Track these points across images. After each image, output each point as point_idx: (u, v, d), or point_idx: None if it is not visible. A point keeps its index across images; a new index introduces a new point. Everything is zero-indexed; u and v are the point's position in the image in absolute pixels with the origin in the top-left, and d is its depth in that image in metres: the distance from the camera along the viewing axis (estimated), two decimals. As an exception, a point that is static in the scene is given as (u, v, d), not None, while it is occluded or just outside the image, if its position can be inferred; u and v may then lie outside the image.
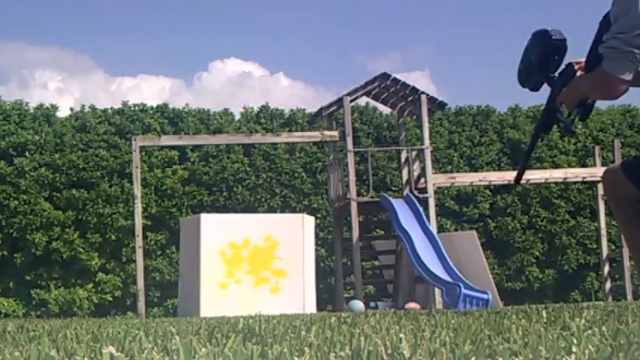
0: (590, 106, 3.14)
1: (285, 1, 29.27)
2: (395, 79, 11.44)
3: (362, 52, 32.26)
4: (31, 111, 13.82)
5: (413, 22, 29.26)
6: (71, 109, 14.21)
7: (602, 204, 12.16)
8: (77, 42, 30.22)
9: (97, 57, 35.41)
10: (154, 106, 14.27)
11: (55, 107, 13.99)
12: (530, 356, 1.38)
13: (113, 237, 12.93)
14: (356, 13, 29.32)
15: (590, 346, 1.42)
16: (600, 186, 12.16)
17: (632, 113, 15.30)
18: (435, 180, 11.28)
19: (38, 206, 12.76)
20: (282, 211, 13.28)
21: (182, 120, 13.96)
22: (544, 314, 2.75)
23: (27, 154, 13.08)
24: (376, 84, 11.53)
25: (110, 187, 12.99)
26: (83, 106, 14.23)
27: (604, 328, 1.84)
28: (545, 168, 13.61)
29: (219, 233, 8.39)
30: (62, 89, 27.05)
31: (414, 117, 12.30)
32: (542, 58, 3.23)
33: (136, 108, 14.14)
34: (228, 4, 29.70)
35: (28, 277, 12.79)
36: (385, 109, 13.68)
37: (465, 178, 12.33)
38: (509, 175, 12.48)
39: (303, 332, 2.06)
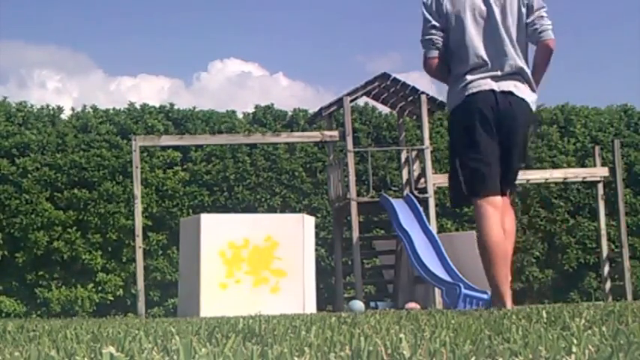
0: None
1: (285, 1, 29.28)
2: (395, 79, 11.44)
3: (361, 52, 32.28)
4: (35, 112, 13.87)
5: (413, 22, 29.23)
6: (72, 109, 14.25)
7: (602, 204, 12.16)
8: (76, 41, 30.26)
9: (96, 56, 35.43)
10: (157, 106, 14.30)
11: (60, 109, 14.04)
12: (530, 356, 1.38)
13: (114, 237, 12.95)
14: (355, 13, 29.34)
15: (590, 346, 1.42)
16: (600, 186, 12.17)
17: (628, 113, 15.31)
18: (435, 180, 11.28)
19: (39, 206, 12.78)
20: (282, 210, 13.29)
21: (185, 120, 13.97)
22: (544, 314, 2.75)
23: (30, 154, 13.11)
24: (376, 84, 11.53)
25: (112, 187, 13.00)
26: (85, 106, 14.27)
27: (604, 328, 1.84)
28: (544, 168, 13.62)
29: (219, 233, 8.39)
30: (61, 89, 27.07)
31: (414, 117, 12.30)
32: None
33: (139, 108, 14.16)
34: (228, 4, 29.70)
35: (29, 277, 12.80)
36: (385, 109, 13.69)
37: (465, 178, 12.32)
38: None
39: (303, 332, 2.07)
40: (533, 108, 4.28)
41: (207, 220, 8.57)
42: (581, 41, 28.71)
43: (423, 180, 11.22)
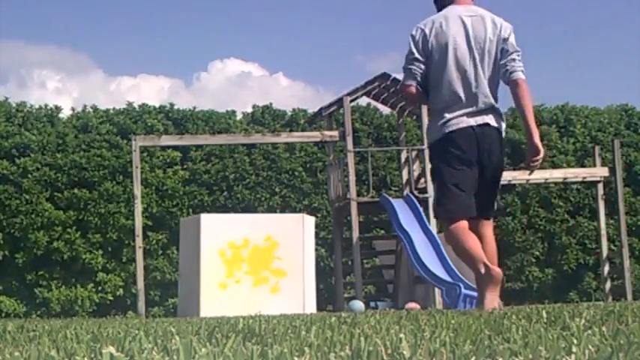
0: None
1: (285, 1, 29.28)
2: (395, 79, 11.44)
3: (361, 52, 32.28)
4: (34, 112, 13.87)
5: (412, 22, 29.23)
6: (72, 110, 14.25)
7: (602, 204, 12.16)
8: (76, 41, 30.27)
9: (96, 56, 35.44)
10: (157, 106, 14.30)
11: (58, 109, 14.03)
12: (530, 356, 1.38)
13: (114, 237, 12.95)
14: (355, 13, 29.34)
15: (590, 346, 1.42)
16: (600, 186, 12.17)
17: (629, 112, 15.30)
18: (435, 180, 11.26)
19: (40, 206, 12.79)
20: (282, 210, 13.29)
21: (185, 120, 13.97)
22: (544, 314, 2.75)
23: (30, 154, 13.11)
24: (376, 84, 11.53)
25: (112, 187, 13.01)
26: (85, 106, 14.27)
27: (604, 328, 1.84)
28: (544, 168, 13.62)
29: (219, 233, 8.38)
30: (61, 89, 27.08)
31: (414, 117, 12.30)
32: None
33: (139, 108, 14.17)
34: (228, 4, 29.70)
35: (29, 277, 12.81)
36: (385, 110, 13.68)
37: (465, 178, 12.32)
38: (509, 175, 12.48)
39: (303, 332, 2.07)
40: (503, 135, 4.84)
41: (207, 220, 8.57)
42: (582, 41, 28.72)
43: (423, 180, 11.22)
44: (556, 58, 29.68)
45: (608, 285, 12.30)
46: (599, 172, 12.20)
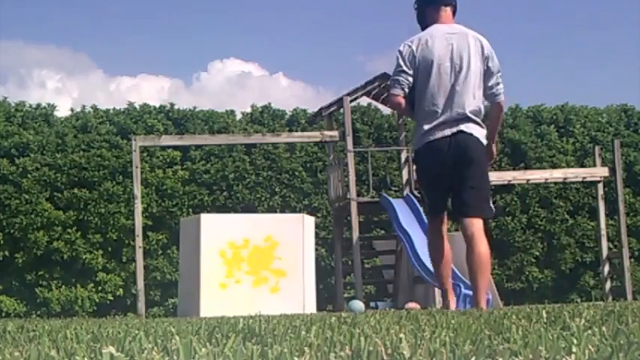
0: None
1: (285, 1, 29.29)
2: (395, 79, 11.42)
3: (361, 52, 32.28)
4: (32, 111, 13.86)
5: (413, 22, 29.22)
6: (72, 110, 14.25)
7: (602, 204, 12.16)
8: (75, 41, 30.27)
9: (95, 56, 35.44)
10: (157, 106, 14.30)
11: (52, 106, 14.01)
12: (530, 356, 1.38)
13: (114, 237, 12.95)
14: (355, 13, 29.34)
15: (590, 346, 1.42)
16: (600, 186, 12.17)
17: (628, 113, 15.30)
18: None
19: (39, 206, 12.79)
20: (282, 210, 13.29)
21: (185, 120, 13.97)
22: (544, 314, 2.75)
23: (30, 154, 13.11)
24: (376, 84, 11.52)
25: (112, 186, 13.01)
26: (84, 106, 14.27)
27: (604, 328, 1.84)
28: (544, 168, 13.61)
29: (219, 233, 8.38)
30: (60, 89, 27.08)
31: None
32: None
33: (139, 108, 14.17)
34: (228, 4, 29.71)
35: (29, 277, 12.81)
36: (385, 110, 13.68)
37: (465, 178, 12.31)
38: (509, 175, 12.49)
39: (303, 332, 2.07)
40: (484, 141, 5.16)
41: (207, 220, 8.57)
42: (582, 40, 28.71)
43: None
44: (556, 57, 29.68)
45: (608, 285, 12.30)
46: (600, 172, 12.20)
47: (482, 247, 5.14)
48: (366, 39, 30.47)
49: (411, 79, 5.13)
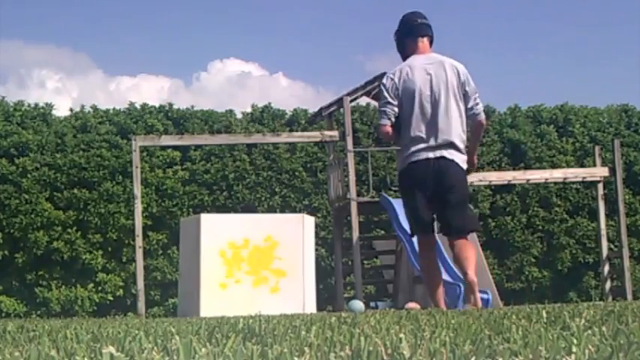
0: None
1: (285, 1, 29.29)
2: (395, 79, 11.43)
3: (361, 51, 32.28)
4: (31, 111, 13.85)
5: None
6: (71, 110, 14.24)
7: (602, 204, 12.16)
8: (75, 41, 30.26)
9: (95, 56, 35.44)
10: (156, 106, 14.29)
11: (50, 106, 14.00)
12: (530, 356, 1.38)
13: (114, 237, 12.95)
14: (355, 13, 29.33)
15: (590, 346, 1.42)
16: (600, 186, 12.17)
17: (629, 113, 15.30)
18: (435, 180, 11.26)
19: (39, 206, 12.78)
20: (282, 210, 13.29)
21: (185, 120, 13.97)
22: (544, 314, 2.75)
23: (29, 154, 13.10)
24: (376, 84, 11.50)
25: (112, 186, 13.00)
26: (83, 106, 14.26)
27: (604, 328, 1.84)
28: (544, 168, 13.61)
29: (219, 233, 8.38)
30: (60, 88, 27.07)
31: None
32: None
33: (138, 108, 14.16)
34: (228, 4, 29.71)
35: (29, 277, 12.80)
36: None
37: (465, 178, 12.31)
38: (509, 175, 12.49)
39: (303, 332, 2.07)
40: (464, 166, 5.65)
41: (207, 220, 8.57)
42: (582, 40, 28.72)
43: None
44: (557, 57, 29.68)
45: (607, 285, 12.30)
46: (599, 172, 12.20)
47: (468, 252, 5.60)
48: (366, 39, 30.48)
49: (396, 109, 5.60)
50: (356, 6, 28.82)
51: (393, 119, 5.63)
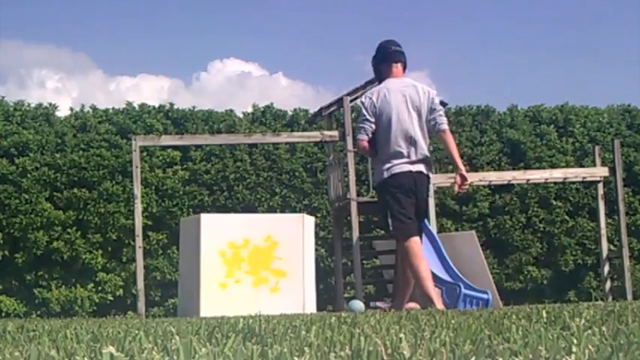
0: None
1: (285, 1, 29.28)
2: (395, 79, 11.43)
3: (361, 52, 32.26)
4: (32, 111, 13.84)
5: (412, 22, 29.25)
6: (71, 109, 14.24)
7: (602, 204, 12.16)
8: (75, 41, 30.25)
9: (95, 56, 35.44)
10: (156, 106, 14.28)
11: (54, 107, 14.00)
12: (530, 356, 1.38)
13: (114, 237, 12.95)
14: (355, 13, 29.33)
15: (590, 346, 1.42)
16: (600, 186, 12.18)
17: (632, 114, 15.29)
18: (435, 180, 11.27)
19: (39, 206, 12.78)
20: (282, 210, 13.28)
21: (185, 120, 13.97)
22: (544, 314, 2.75)
23: (29, 153, 13.10)
24: (376, 84, 11.50)
25: (112, 186, 13.00)
26: (83, 105, 14.26)
27: (604, 328, 1.84)
28: (543, 168, 13.61)
29: (219, 233, 8.38)
30: (60, 88, 27.06)
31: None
32: None
33: (138, 108, 14.16)
34: (228, 4, 29.70)
35: (29, 277, 12.80)
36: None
37: (465, 178, 12.32)
38: (509, 175, 12.49)
39: (303, 332, 2.07)
40: (432, 181, 6.64)
41: (207, 219, 8.57)
42: (583, 40, 28.71)
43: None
44: (556, 57, 29.66)
45: (608, 285, 12.30)
46: (600, 172, 12.20)
47: (421, 261, 6.27)
48: (366, 39, 30.47)
49: (373, 126, 6.23)
50: (356, 6, 28.82)
51: (370, 135, 6.25)
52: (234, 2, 29.25)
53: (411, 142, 6.17)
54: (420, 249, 6.27)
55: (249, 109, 14.65)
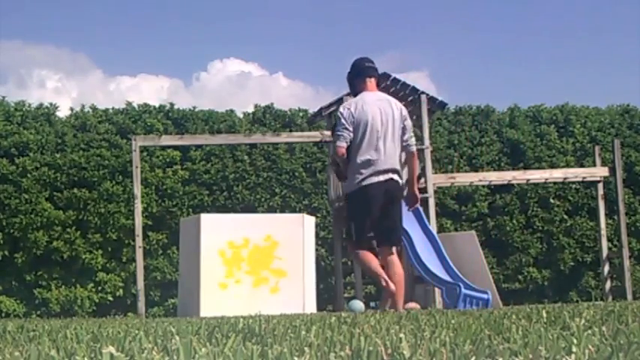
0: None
1: (285, 1, 29.28)
2: (395, 79, 11.43)
3: (361, 52, 32.23)
4: (32, 111, 13.84)
5: (412, 22, 29.26)
6: (71, 109, 14.23)
7: (602, 204, 12.16)
8: (75, 41, 30.25)
9: (95, 56, 35.43)
10: (156, 106, 14.28)
11: (55, 107, 14.00)
12: (530, 356, 1.38)
13: (114, 236, 12.95)
14: (355, 13, 29.34)
15: (590, 346, 1.42)
16: (600, 186, 12.17)
17: (631, 113, 15.29)
18: (435, 180, 11.28)
19: (39, 206, 12.78)
20: (282, 210, 13.28)
21: (185, 120, 13.96)
22: (544, 314, 2.75)
23: (29, 153, 13.10)
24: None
25: (112, 186, 13.00)
26: (83, 105, 14.25)
27: (604, 328, 1.84)
28: (543, 168, 13.61)
29: (219, 233, 8.38)
30: (60, 88, 27.06)
31: (414, 117, 12.29)
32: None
33: (138, 108, 14.15)
34: (228, 4, 29.71)
35: (28, 277, 12.80)
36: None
37: (465, 178, 12.34)
38: (509, 175, 12.49)
39: (303, 332, 2.07)
40: (404, 189, 6.83)
41: (207, 219, 8.57)
42: (583, 40, 28.72)
43: (422, 180, 11.22)
44: (558, 57, 29.68)
45: (608, 285, 12.30)
46: (599, 172, 12.20)
47: (399, 269, 6.63)
48: (366, 39, 30.45)
49: (352, 134, 6.50)
50: (355, 6, 28.82)
51: (349, 142, 6.51)
52: (234, 2, 29.25)
53: (382, 153, 6.50)
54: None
55: (249, 109, 14.66)
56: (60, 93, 26.17)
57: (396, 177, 6.59)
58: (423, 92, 11.44)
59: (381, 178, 6.49)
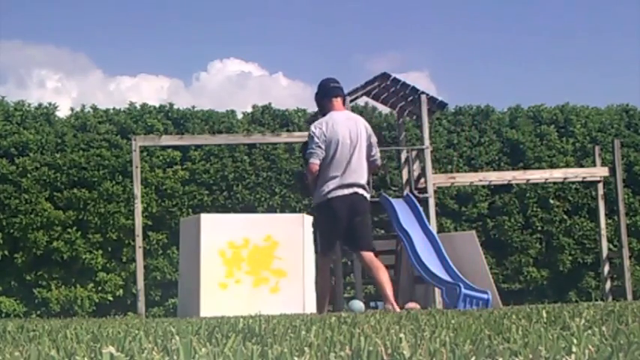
0: None
1: (285, 1, 29.29)
2: (395, 79, 11.43)
3: (361, 51, 32.26)
4: (32, 111, 13.85)
5: (412, 22, 29.27)
6: (71, 109, 14.24)
7: (602, 204, 12.16)
8: (75, 41, 30.26)
9: (95, 56, 35.43)
10: (156, 106, 14.28)
11: (54, 106, 14.00)
12: (530, 356, 1.38)
13: (114, 236, 12.95)
14: (355, 13, 29.33)
15: (590, 346, 1.42)
16: (600, 186, 12.17)
17: (630, 113, 15.29)
18: (435, 180, 11.27)
19: (39, 206, 12.78)
20: (282, 210, 13.28)
21: (185, 120, 13.96)
22: (544, 314, 2.75)
23: (29, 153, 13.10)
24: (376, 84, 11.51)
25: (112, 186, 13.00)
26: (84, 105, 14.25)
27: (604, 328, 1.84)
28: (543, 168, 13.61)
29: (219, 233, 8.38)
30: (60, 88, 27.07)
31: (414, 117, 12.29)
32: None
33: (138, 108, 14.15)
34: (228, 4, 29.71)
35: (28, 277, 12.80)
36: (385, 109, 13.68)
37: (465, 178, 12.34)
38: (509, 175, 12.49)
39: (303, 332, 2.07)
40: (369, 199, 7.21)
41: (207, 219, 8.57)
42: (583, 40, 28.72)
43: (422, 180, 11.22)
44: (557, 57, 29.67)
45: (608, 285, 12.30)
46: (599, 172, 12.20)
47: (375, 262, 7.00)
48: (366, 39, 30.46)
49: (324, 152, 6.92)
50: (355, 6, 28.82)
51: (321, 160, 6.92)
52: (234, 2, 29.26)
53: (351, 169, 6.96)
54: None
55: (248, 110, 14.66)
56: (60, 93, 26.19)
57: (360, 191, 7.02)
58: (423, 92, 11.44)
59: (346, 191, 6.93)
